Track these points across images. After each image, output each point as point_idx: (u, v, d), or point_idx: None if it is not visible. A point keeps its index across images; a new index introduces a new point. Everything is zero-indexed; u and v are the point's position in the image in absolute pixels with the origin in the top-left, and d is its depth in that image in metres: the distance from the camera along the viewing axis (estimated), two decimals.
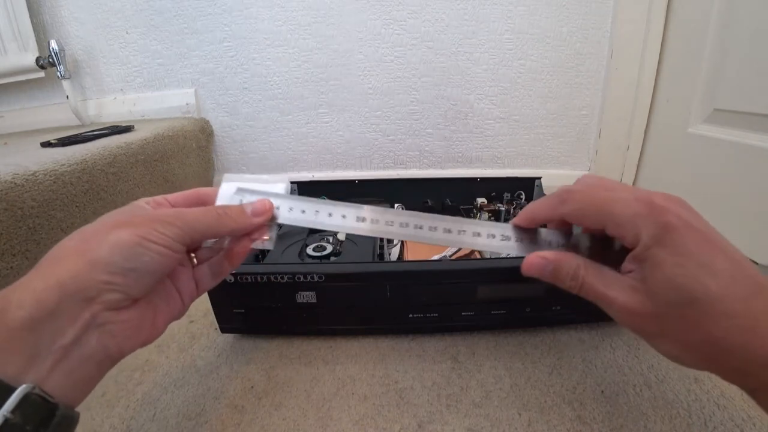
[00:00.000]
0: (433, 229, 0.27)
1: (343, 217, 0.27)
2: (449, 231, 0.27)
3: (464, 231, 0.27)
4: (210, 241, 0.27)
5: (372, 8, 0.79)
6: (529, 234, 0.27)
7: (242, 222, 0.25)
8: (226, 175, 0.28)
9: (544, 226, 0.28)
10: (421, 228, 0.27)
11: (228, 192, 0.27)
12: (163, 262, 0.22)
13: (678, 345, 0.22)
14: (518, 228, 0.27)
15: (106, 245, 0.20)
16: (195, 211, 0.24)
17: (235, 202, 0.27)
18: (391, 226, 0.27)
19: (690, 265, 0.20)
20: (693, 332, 0.21)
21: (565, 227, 0.27)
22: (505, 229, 0.27)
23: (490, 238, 0.27)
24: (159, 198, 0.26)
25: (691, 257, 0.20)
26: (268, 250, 0.41)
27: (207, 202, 0.27)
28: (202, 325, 0.44)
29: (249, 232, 0.26)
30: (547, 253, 0.25)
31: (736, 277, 0.20)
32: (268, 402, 0.34)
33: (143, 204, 0.25)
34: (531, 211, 0.26)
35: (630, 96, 0.79)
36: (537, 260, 0.25)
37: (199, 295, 0.27)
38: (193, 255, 0.26)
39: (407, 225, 0.27)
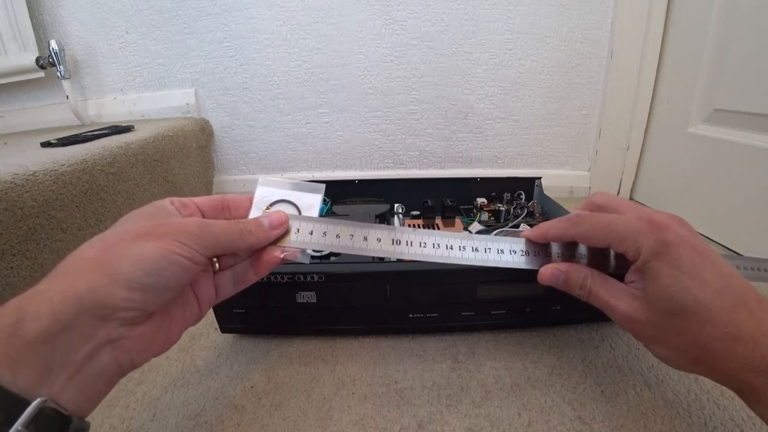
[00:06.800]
0: (463, 249, 0.28)
1: (378, 240, 0.27)
2: (477, 250, 0.28)
3: (490, 249, 0.29)
4: None
5: (372, 8, 0.79)
6: (542, 248, 0.29)
7: (261, 236, 0.25)
8: (261, 179, 0.28)
9: None
10: (451, 248, 0.28)
11: (262, 197, 0.27)
12: (184, 276, 0.21)
13: (670, 349, 0.24)
14: (532, 242, 0.29)
15: (128, 259, 0.19)
16: (221, 224, 0.23)
17: (264, 207, 0.27)
18: (424, 248, 0.27)
19: (683, 278, 0.22)
20: (682, 338, 0.23)
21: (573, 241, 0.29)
22: (521, 243, 0.29)
23: (512, 254, 0.29)
24: (186, 200, 0.26)
25: (684, 270, 0.22)
26: None
27: (233, 209, 0.27)
28: (202, 325, 0.44)
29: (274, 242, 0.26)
30: (561, 265, 0.28)
31: (722, 290, 0.22)
32: (268, 402, 0.34)
33: (167, 204, 0.24)
34: (545, 228, 0.29)
35: (630, 96, 0.79)
36: (551, 270, 0.28)
37: (218, 301, 0.26)
38: (215, 260, 0.25)
39: (438, 246, 0.28)
